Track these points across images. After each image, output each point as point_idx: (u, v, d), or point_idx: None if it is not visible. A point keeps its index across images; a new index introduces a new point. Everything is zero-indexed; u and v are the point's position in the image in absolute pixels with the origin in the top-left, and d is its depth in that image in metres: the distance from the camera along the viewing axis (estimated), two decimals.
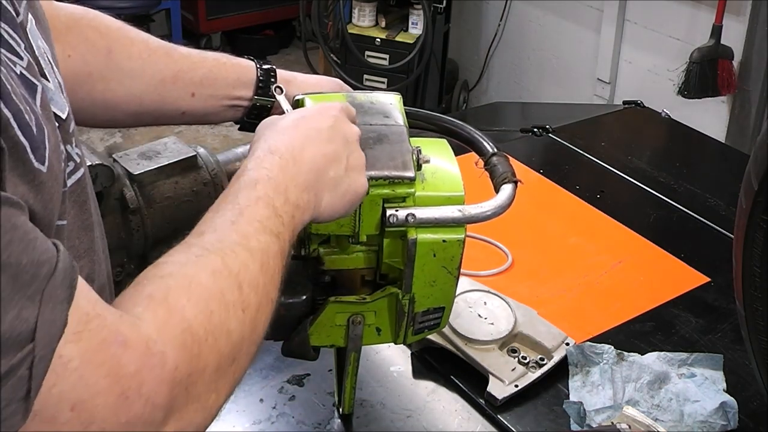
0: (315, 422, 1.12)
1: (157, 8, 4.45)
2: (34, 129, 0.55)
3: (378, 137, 0.92)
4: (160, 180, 1.19)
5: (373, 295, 0.96)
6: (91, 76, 1.01)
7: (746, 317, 1.04)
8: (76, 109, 0.78)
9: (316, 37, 3.95)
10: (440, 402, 1.17)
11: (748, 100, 3.06)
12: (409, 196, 0.91)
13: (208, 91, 1.06)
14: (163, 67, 1.04)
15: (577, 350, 1.19)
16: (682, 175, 1.77)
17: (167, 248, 1.24)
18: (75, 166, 0.69)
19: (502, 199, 0.94)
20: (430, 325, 1.00)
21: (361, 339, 0.99)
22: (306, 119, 0.85)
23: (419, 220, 0.90)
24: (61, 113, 0.66)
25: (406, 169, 0.90)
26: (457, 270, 0.95)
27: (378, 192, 0.90)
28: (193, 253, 0.69)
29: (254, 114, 1.08)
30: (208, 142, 4.24)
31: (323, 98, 0.98)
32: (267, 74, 1.07)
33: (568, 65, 3.86)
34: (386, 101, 0.98)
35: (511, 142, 1.87)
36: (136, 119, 1.09)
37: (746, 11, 3.01)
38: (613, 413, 1.11)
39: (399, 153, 0.91)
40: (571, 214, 1.63)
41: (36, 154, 0.55)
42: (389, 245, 0.93)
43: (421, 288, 0.95)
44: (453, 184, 0.94)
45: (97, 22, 1.02)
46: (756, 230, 0.97)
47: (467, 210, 0.92)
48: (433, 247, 0.92)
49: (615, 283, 1.43)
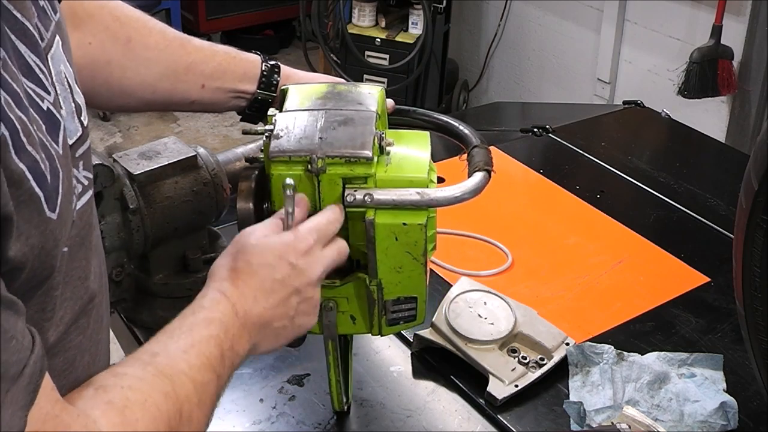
0: (315, 422, 1.12)
1: (157, 8, 4.45)
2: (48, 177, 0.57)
3: (344, 120, 0.93)
4: (160, 180, 1.19)
5: (343, 279, 0.96)
6: (110, 64, 1.05)
7: (746, 317, 1.04)
8: (92, 95, 0.80)
9: (316, 37, 3.95)
10: (440, 402, 1.17)
11: (748, 100, 3.06)
12: (370, 177, 0.91)
13: (217, 84, 1.11)
14: (178, 58, 1.09)
15: (577, 350, 1.19)
16: (682, 175, 1.77)
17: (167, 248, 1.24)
18: (83, 189, 0.69)
19: (468, 185, 0.94)
20: (405, 316, 1.00)
21: (335, 326, 0.99)
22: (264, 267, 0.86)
23: (377, 201, 0.90)
24: (69, 140, 0.66)
25: (363, 149, 0.90)
26: (423, 257, 0.94)
27: (335, 171, 0.90)
28: (149, 372, 0.72)
29: (255, 106, 1.13)
30: (208, 142, 4.24)
31: (306, 88, 1.00)
32: (271, 70, 1.13)
33: (568, 65, 3.86)
34: (365, 91, 0.99)
35: (511, 142, 1.87)
36: (148, 106, 1.13)
37: (746, 11, 3.00)
38: (613, 413, 1.11)
39: (360, 135, 0.92)
40: (571, 214, 1.63)
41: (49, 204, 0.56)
42: (353, 227, 0.93)
43: (387, 274, 0.95)
44: (417, 169, 0.94)
45: (117, 12, 1.07)
46: (756, 230, 0.97)
47: (427, 193, 0.91)
48: (394, 229, 0.92)
49: (615, 283, 1.43)
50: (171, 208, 1.20)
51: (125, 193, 1.15)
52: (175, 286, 1.24)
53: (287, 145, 0.91)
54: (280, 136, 0.91)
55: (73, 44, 0.75)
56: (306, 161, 0.89)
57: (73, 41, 0.75)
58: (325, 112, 0.94)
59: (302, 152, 0.90)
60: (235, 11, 4.86)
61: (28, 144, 0.55)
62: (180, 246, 1.24)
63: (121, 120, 4.33)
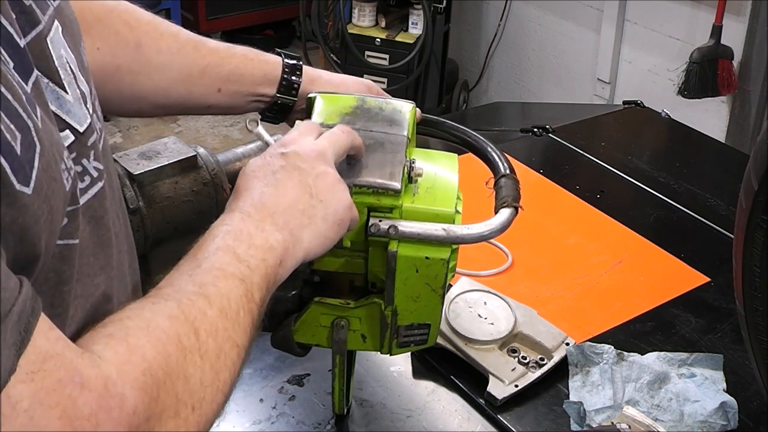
0: (315, 422, 1.13)
1: (157, 8, 4.45)
2: (17, 148, 0.53)
3: (374, 145, 0.91)
4: (160, 180, 1.19)
5: (357, 301, 0.95)
6: (120, 70, 1.02)
7: (746, 317, 1.04)
8: (103, 101, 0.77)
9: (316, 37, 3.95)
10: (440, 402, 1.17)
11: (748, 100, 3.06)
12: (396, 208, 0.90)
13: (234, 87, 1.07)
14: (191, 61, 1.05)
15: (577, 350, 1.19)
16: (682, 175, 1.77)
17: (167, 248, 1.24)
18: (91, 180, 0.67)
19: (494, 224, 0.92)
20: (416, 340, 0.99)
21: (345, 343, 0.97)
22: (260, 169, 0.83)
23: (401, 233, 0.88)
24: (78, 126, 0.65)
25: (392, 180, 0.88)
26: (441, 289, 0.93)
27: (362, 200, 0.88)
28: (149, 301, 0.68)
29: (275, 109, 1.09)
30: (208, 142, 4.23)
31: (334, 99, 0.97)
32: (292, 71, 1.08)
33: (568, 65, 3.86)
34: (397, 109, 0.97)
35: (511, 142, 1.87)
36: (164, 110, 1.11)
37: (746, 11, 3.01)
38: (613, 413, 1.11)
39: (390, 163, 0.90)
40: (571, 214, 1.63)
41: (18, 176, 0.53)
42: (374, 255, 0.92)
43: (404, 302, 0.93)
44: (445, 201, 0.92)
45: (127, 15, 1.03)
46: (756, 230, 0.97)
47: (453, 230, 0.89)
48: (416, 262, 0.90)
49: (615, 283, 1.43)
50: (171, 208, 1.19)
51: (125, 193, 1.15)
52: None
53: None
54: None
55: None
56: None
57: None
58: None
59: None
60: (235, 11, 4.86)
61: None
62: (180, 246, 1.24)
63: (121, 120, 4.32)
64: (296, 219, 0.80)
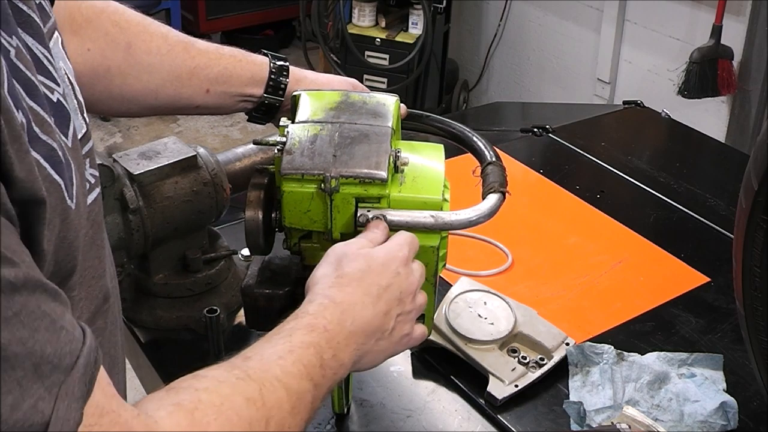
0: (315, 422, 1.12)
1: (157, 8, 4.45)
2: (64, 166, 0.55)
3: (359, 136, 0.92)
4: (160, 180, 1.19)
5: None
6: (110, 71, 1.02)
7: (746, 317, 1.04)
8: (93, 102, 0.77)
9: (316, 37, 3.95)
10: (440, 402, 1.17)
11: (748, 100, 3.06)
12: (384, 198, 0.90)
13: (222, 88, 1.08)
14: (181, 63, 1.06)
15: (577, 350, 1.19)
16: (682, 175, 1.77)
17: (167, 248, 1.24)
18: (90, 186, 0.68)
19: (482, 209, 0.92)
20: None
21: None
22: (371, 273, 0.84)
23: (389, 222, 0.89)
24: (79, 136, 0.65)
25: (378, 169, 0.89)
26: (433, 278, 0.93)
27: (349, 191, 0.89)
28: (234, 374, 0.67)
29: (262, 110, 1.11)
30: (208, 142, 4.23)
31: (319, 95, 0.98)
32: (279, 72, 1.10)
33: (568, 65, 3.86)
34: (380, 102, 0.97)
35: (511, 142, 1.87)
36: (152, 111, 1.11)
37: (746, 11, 3.01)
38: (613, 413, 1.11)
39: (375, 153, 0.90)
40: (571, 214, 1.63)
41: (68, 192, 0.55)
42: None
43: None
44: (432, 189, 0.92)
45: (117, 16, 1.03)
46: (756, 230, 0.97)
47: (441, 216, 0.90)
48: None
49: (615, 283, 1.43)
50: (171, 208, 1.19)
51: (125, 193, 1.15)
52: (175, 286, 1.24)
53: (300, 162, 0.89)
54: (293, 152, 0.89)
55: (72, 50, 0.74)
56: (319, 180, 0.88)
57: (71, 47, 0.74)
58: (340, 126, 0.92)
59: (316, 171, 0.88)
60: (235, 11, 4.86)
61: (42, 133, 0.54)
62: (180, 246, 1.24)
63: (121, 120, 4.33)
64: (370, 346, 0.82)
